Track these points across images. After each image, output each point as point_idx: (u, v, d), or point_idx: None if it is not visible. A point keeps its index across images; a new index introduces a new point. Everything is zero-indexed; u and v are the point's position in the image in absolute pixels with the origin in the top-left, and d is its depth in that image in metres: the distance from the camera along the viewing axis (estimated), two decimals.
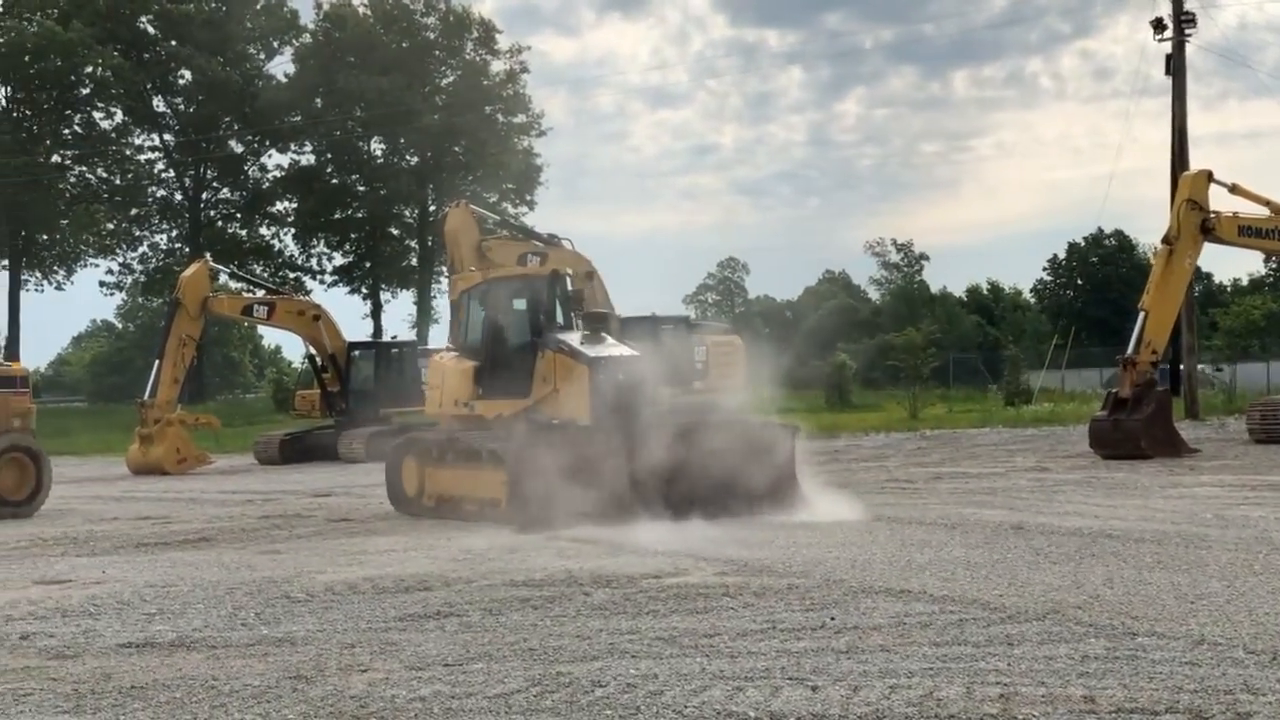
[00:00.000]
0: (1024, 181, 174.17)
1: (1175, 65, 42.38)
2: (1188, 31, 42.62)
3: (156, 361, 33.67)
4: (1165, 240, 29.01)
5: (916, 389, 49.80)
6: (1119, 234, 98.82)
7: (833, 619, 10.01)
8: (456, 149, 70.98)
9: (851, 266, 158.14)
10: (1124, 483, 21.97)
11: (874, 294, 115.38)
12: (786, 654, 8.82)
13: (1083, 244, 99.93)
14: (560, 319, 20.36)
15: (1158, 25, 42.80)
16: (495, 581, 12.36)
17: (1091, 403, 44.93)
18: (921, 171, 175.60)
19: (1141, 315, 28.51)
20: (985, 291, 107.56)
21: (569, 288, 21.22)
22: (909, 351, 50.86)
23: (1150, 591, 11.01)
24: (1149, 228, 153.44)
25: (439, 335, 68.04)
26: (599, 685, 8.06)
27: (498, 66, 73.54)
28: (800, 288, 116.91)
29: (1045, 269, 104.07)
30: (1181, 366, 42.89)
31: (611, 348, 19.33)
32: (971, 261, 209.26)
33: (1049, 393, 54.45)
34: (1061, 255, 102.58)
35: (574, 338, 19.42)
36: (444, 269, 65.14)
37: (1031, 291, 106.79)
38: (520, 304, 20.78)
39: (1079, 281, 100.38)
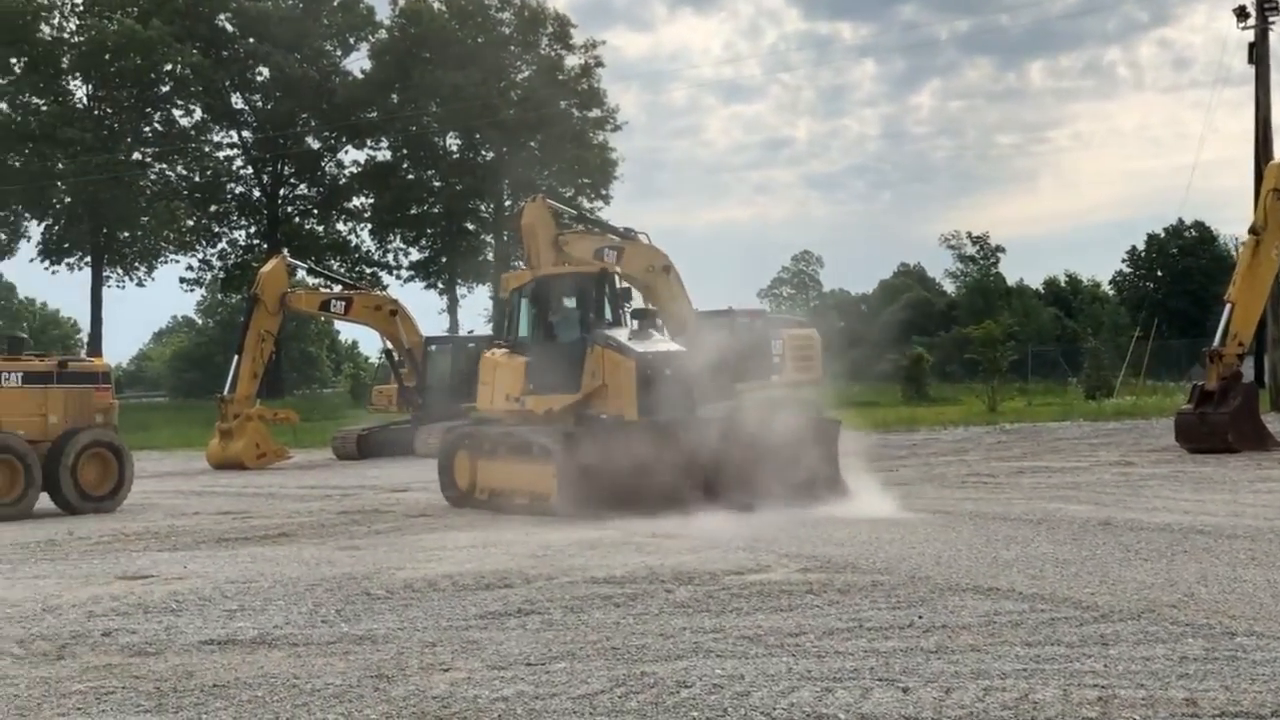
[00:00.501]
0: (1102, 173, 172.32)
1: (1259, 53, 41.66)
2: (1271, 19, 41.95)
3: (235, 357, 33.82)
4: (1252, 231, 28.51)
5: (995, 382, 49.33)
6: (1199, 225, 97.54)
7: (920, 617, 9.84)
8: (532, 144, 70.94)
9: (926, 259, 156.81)
10: (1211, 477, 21.60)
11: (949, 287, 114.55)
12: (875, 654, 8.65)
13: (1163, 235, 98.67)
14: (609, 315, 20.83)
15: (1240, 13, 42.11)
16: (576, 578, 12.25)
17: (1174, 396, 44.41)
18: (997, 164, 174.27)
19: (1228, 307, 28.05)
20: (1063, 284, 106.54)
21: (618, 285, 21.80)
22: (987, 344, 50.32)
23: (1246, 589, 10.77)
24: (1230, 218, 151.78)
25: None
26: (684, 686, 7.93)
27: (572, 61, 73.62)
28: (874, 281, 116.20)
29: (1124, 261, 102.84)
30: (1267, 358, 42.21)
31: (659, 343, 19.79)
32: (1048, 254, 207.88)
33: (1130, 386, 53.78)
34: (1141, 247, 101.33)
35: (622, 334, 19.83)
36: (520, 264, 65.24)
37: (1110, 284, 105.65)
38: (570, 301, 21.38)
39: (1159, 273, 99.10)
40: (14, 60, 68.94)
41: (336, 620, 10.40)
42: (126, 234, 71.02)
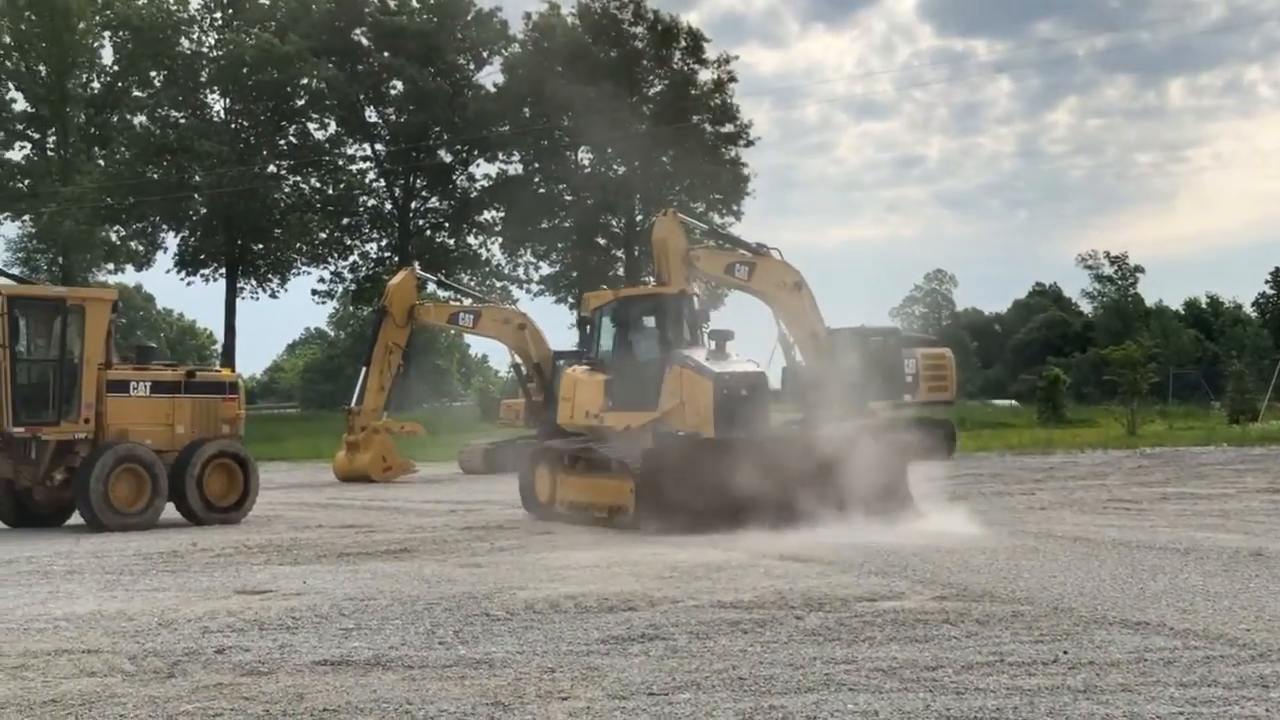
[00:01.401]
0: (1243, 192, 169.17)
1: None
2: None
3: (363, 369, 33.79)
4: None
5: (1135, 405, 48.18)
6: None
7: (1066, 653, 9.29)
8: (664, 158, 70.72)
9: (1063, 279, 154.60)
10: None
11: (1086, 307, 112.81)
12: (1018, 692, 8.13)
13: None
14: (688, 335, 21.30)
15: None
16: (703, 602, 11.82)
17: None
18: (1136, 183, 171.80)
19: None
20: (1204, 305, 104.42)
21: (695, 307, 22.26)
22: (1127, 366, 49.14)
23: None
24: None
25: None
26: None
27: (705, 76, 73.27)
28: (1007, 301, 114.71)
29: (1267, 282, 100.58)
30: None
31: (735, 363, 20.19)
32: (1188, 275, 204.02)
33: (1275, 410, 52.31)
34: None
35: (700, 353, 20.27)
36: (650, 279, 64.92)
37: (1253, 305, 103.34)
38: (650, 321, 22.01)
39: None
40: (154, 74, 70.06)
41: (454, 642, 10.06)
42: (260, 246, 71.75)
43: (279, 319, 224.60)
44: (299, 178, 74.09)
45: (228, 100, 71.78)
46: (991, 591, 12.16)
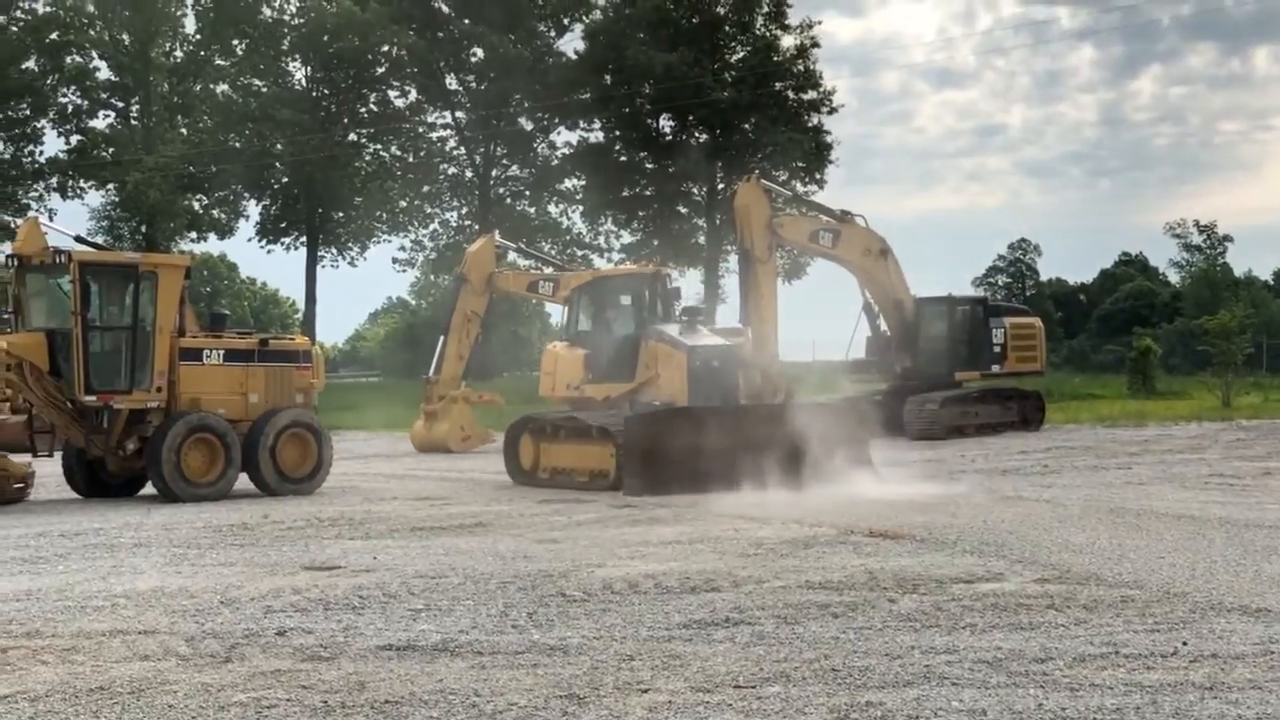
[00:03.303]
0: None
1: None
2: None
3: (442, 338, 33.32)
4: None
5: (1229, 376, 46.92)
6: None
7: (1185, 644, 8.61)
8: (746, 126, 69.75)
9: (1148, 248, 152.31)
10: None
11: (1174, 277, 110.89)
12: (1138, 688, 7.48)
13: None
14: (661, 312, 23.06)
15: None
16: (789, 583, 11.21)
17: None
18: (1221, 151, 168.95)
19: None
20: None
21: (669, 285, 23.95)
22: (1222, 336, 47.84)
23: None
24: None
25: (726, 314, 66.99)
26: None
27: (788, 42, 72.17)
28: (1091, 270, 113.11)
29: None
30: None
31: (706, 337, 22.08)
32: (1274, 244, 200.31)
33: None
34: None
35: (673, 329, 21.96)
36: (732, 247, 64.24)
37: None
38: (626, 299, 23.77)
39: None
40: (236, 42, 69.93)
41: (527, 625, 9.51)
42: (340, 214, 71.54)
43: (362, 287, 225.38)
44: (379, 146, 73.74)
45: (309, 68, 71.47)
46: (1096, 574, 11.47)
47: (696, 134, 71.90)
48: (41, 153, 69.14)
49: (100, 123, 70.16)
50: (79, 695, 7.66)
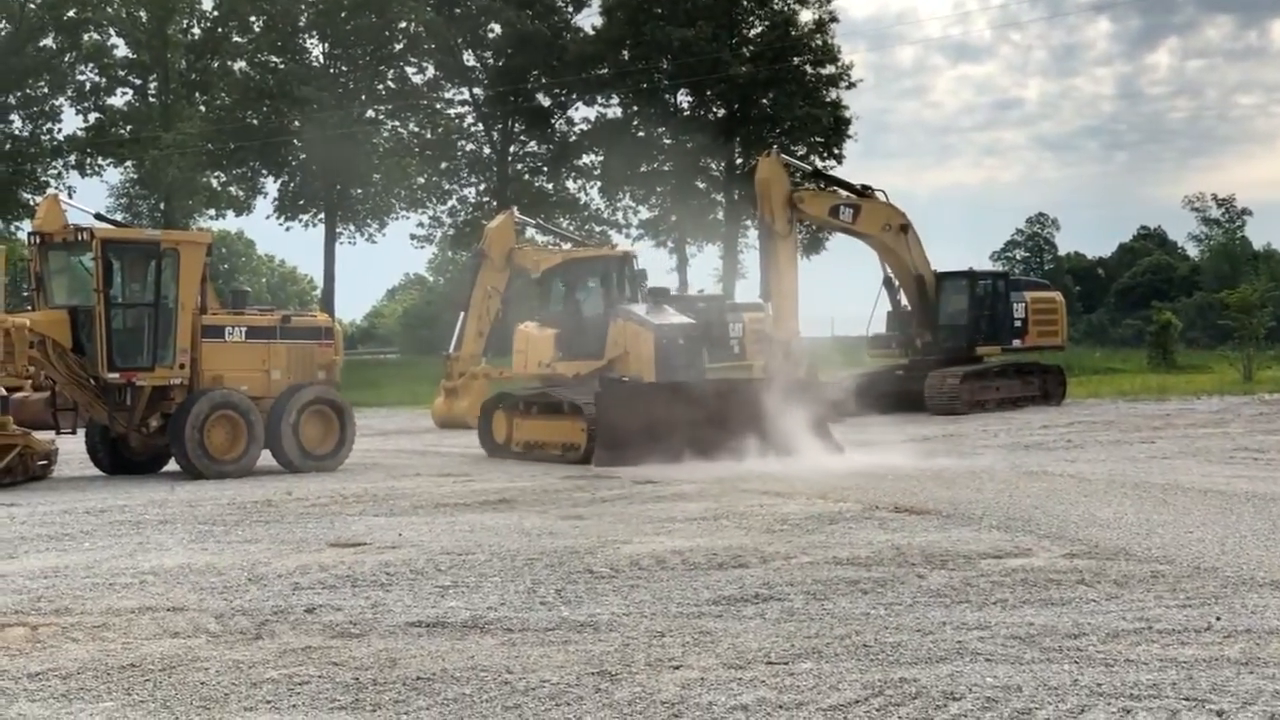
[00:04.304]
0: None
1: None
2: None
3: (462, 314, 33.29)
4: None
5: (1250, 350, 46.78)
6: None
7: (1218, 618, 8.57)
8: (764, 101, 69.58)
9: (1166, 222, 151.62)
10: None
11: (1192, 251, 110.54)
12: (1173, 664, 7.43)
13: None
14: (628, 293, 24.34)
15: None
16: (817, 558, 11.18)
17: None
18: (1237, 125, 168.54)
19: None
20: None
21: (635, 267, 25.29)
22: (1243, 310, 47.70)
23: None
24: None
25: (746, 290, 66.95)
26: (953, 698, 6.82)
27: (806, 16, 71.96)
28: (1109, 244, 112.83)
29: None
30: None
31: (672, 316, 23.35)
32: None
33: None
34: None
35: (640, 309, 23.28)
36: (750, 222, 64.13)
37: None
38: (594, 281, 24.96)
39: None
40: (253, 19, 69.81)
41: (556, 602, 9.48)
42: (359, 190, 71.45)
43: (379, 264, 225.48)
44: (397, 122, 73.62)
45: (326, 45, 71.35)
46: (1125, 549, 11.42)
47: (714, 109, 71.73)
48: (60, 130, 69.45)
49: (118, 100, 70.35)
50: (110, 673, 7.65)
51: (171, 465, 20.62)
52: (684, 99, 72.56)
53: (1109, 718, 6.44)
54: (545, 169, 75.90)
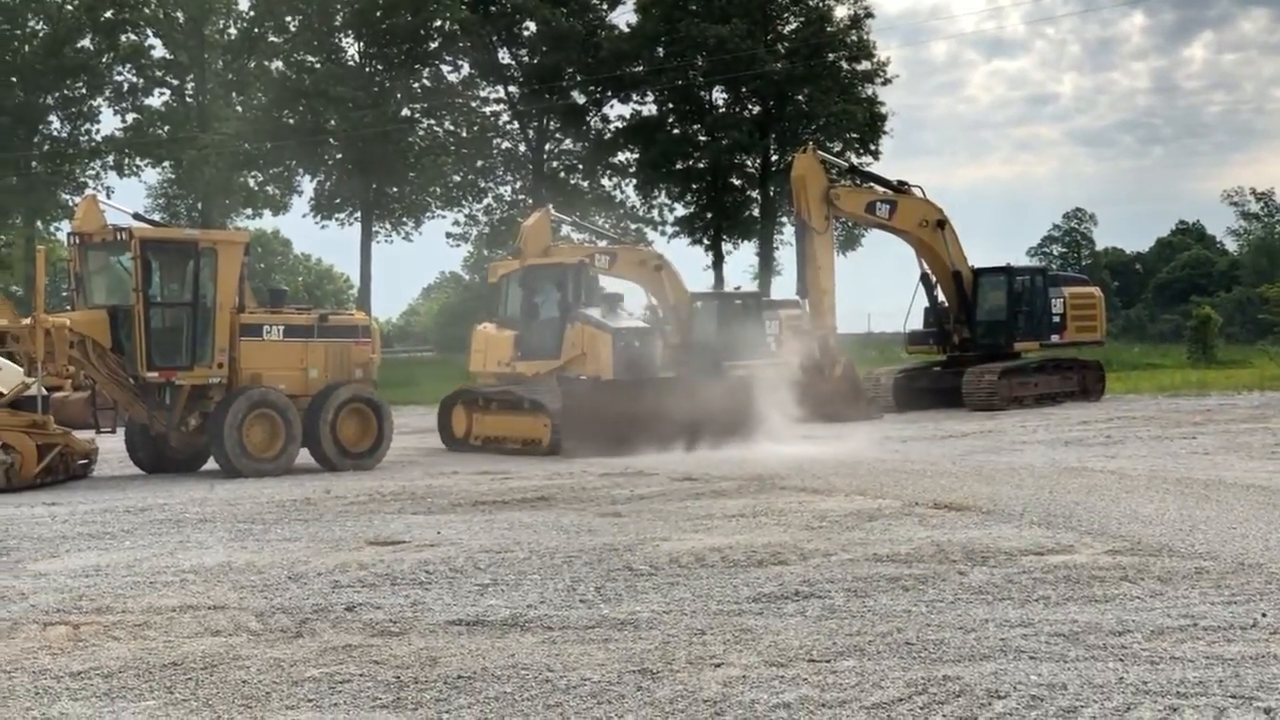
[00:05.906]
0: None
1: None
2: None
3: None
4: None
5: None
6: None
7: (1264, 615, 8.50)
8: (799, 97, 69.39)
9: (1205, 217, 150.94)
10: None
11: (1231, 245, 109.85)
12: (1219, 661, 7.37)
13: None
14: (585, 298, 24.93)
15: None
16: (856, 555, 11.14)
17: None
18: (1275, 118, 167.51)
19: None
20: None
21: (589, 274, 26.15)
22: None
23: None
24: None
25: (782, 287, 66.80)
26: (997, 696, 6.78)
27: (841, 12, 71.73)
28: (1145, 239, 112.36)
29: None
30: None
31: (628, 320, 24.89)
32: None
33: None
34: None
35: (596, 312, 24.34)
36: (786, 219, 64.01)
37: None
38: (551, 286, 25.55)
39: None
40: (289, 19, 69.98)
41: (596, 600, 9.47)
42: (394, 189, 71.54)
43: (415, 262, 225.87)
44: (433, 121, 73.60)
45: (362, 44, 71.42)
46: (1168, 545, 11.34)
47: (750, 106, 71.62)
48: (98, 131, 69.60)
49: (156, 101, 70.43)
50: (152, 671, 7.67)
51: (210, 464, 20.68)
52: (719, 96, 72.44)
53: (1155, 716, 6.39)
54: (580, 166, 75.85)
